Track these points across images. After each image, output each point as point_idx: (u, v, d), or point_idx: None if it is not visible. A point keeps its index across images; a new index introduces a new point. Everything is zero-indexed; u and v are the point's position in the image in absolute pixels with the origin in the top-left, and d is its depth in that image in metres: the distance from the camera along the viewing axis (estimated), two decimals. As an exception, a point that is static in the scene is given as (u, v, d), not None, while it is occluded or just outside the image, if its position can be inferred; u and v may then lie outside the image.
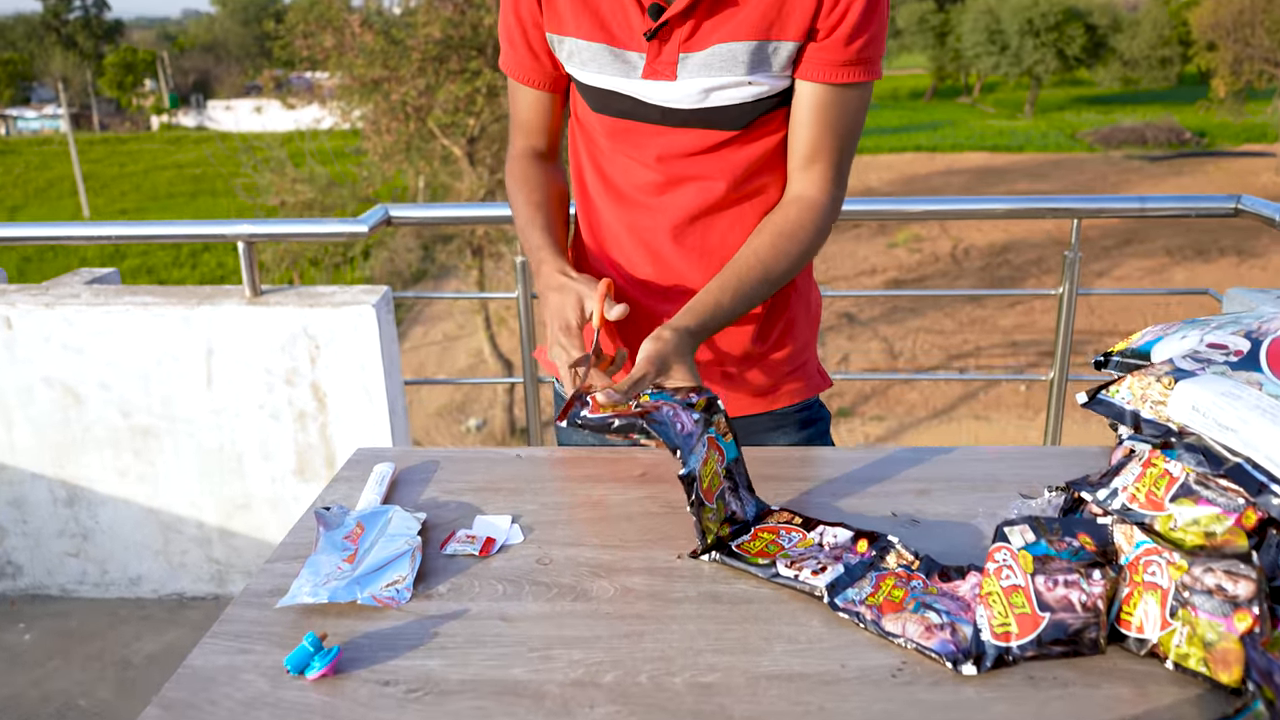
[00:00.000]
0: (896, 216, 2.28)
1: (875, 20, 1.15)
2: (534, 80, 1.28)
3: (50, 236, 2.43)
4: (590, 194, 1.29)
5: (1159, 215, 2.26)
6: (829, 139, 1.19)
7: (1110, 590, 0.81)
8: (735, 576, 0.95)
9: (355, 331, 2.26)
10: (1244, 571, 0.74)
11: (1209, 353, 0.91)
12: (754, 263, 1.17)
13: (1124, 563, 0.83)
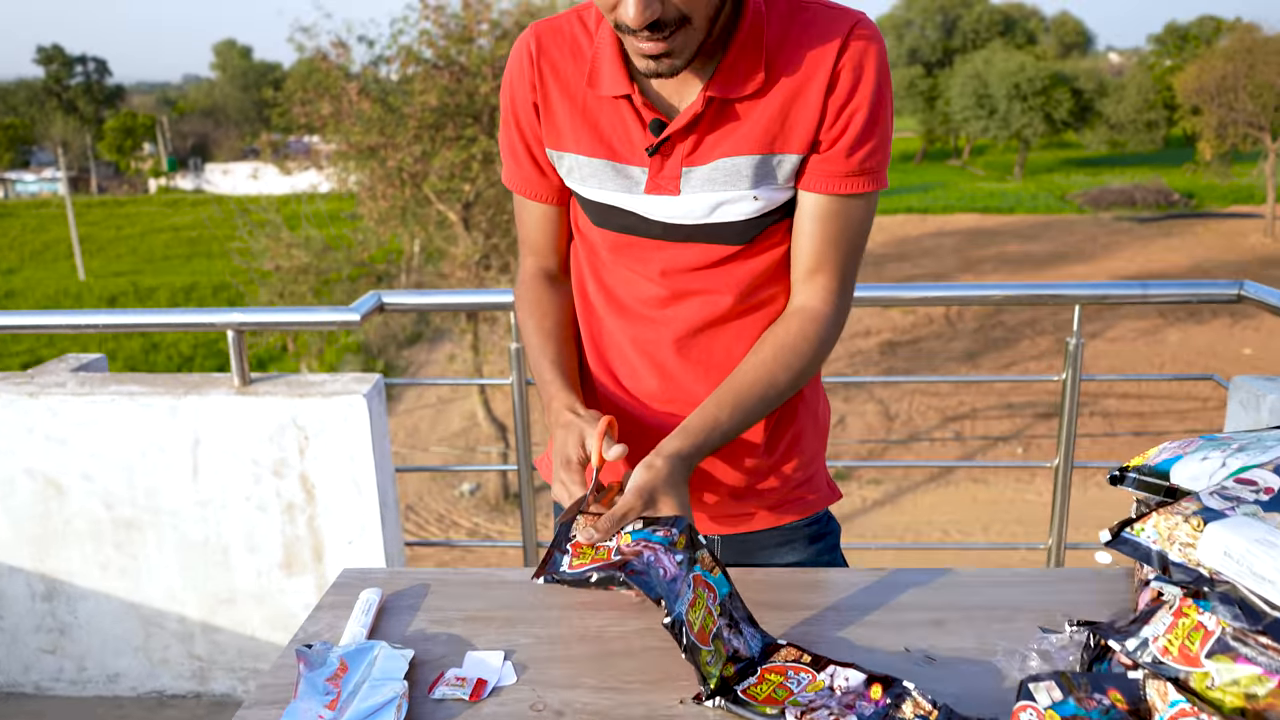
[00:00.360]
0: (900, 303, 2.25)
1: (878, 131, 1.13)
2: (539, 195, 1.25)
3: (39, 325, 2.39)
4: (592, 305, 1.26)
5: (1162, 301, 2.24)
6: (833, 250, 1.16)
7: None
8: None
9: (345, 422, 2.21)
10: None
11: (1238, 489, 0.87)
12: (754, 378, 1.13)
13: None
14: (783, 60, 1.10)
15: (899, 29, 50.25)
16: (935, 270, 26.22)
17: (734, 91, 1.09)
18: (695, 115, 1.10)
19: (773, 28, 1.10)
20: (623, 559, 0.96)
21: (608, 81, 1.12)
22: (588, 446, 1.10)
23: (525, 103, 1.19)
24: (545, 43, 1.17)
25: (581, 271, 1.27)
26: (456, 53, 13.67)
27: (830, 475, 1.34)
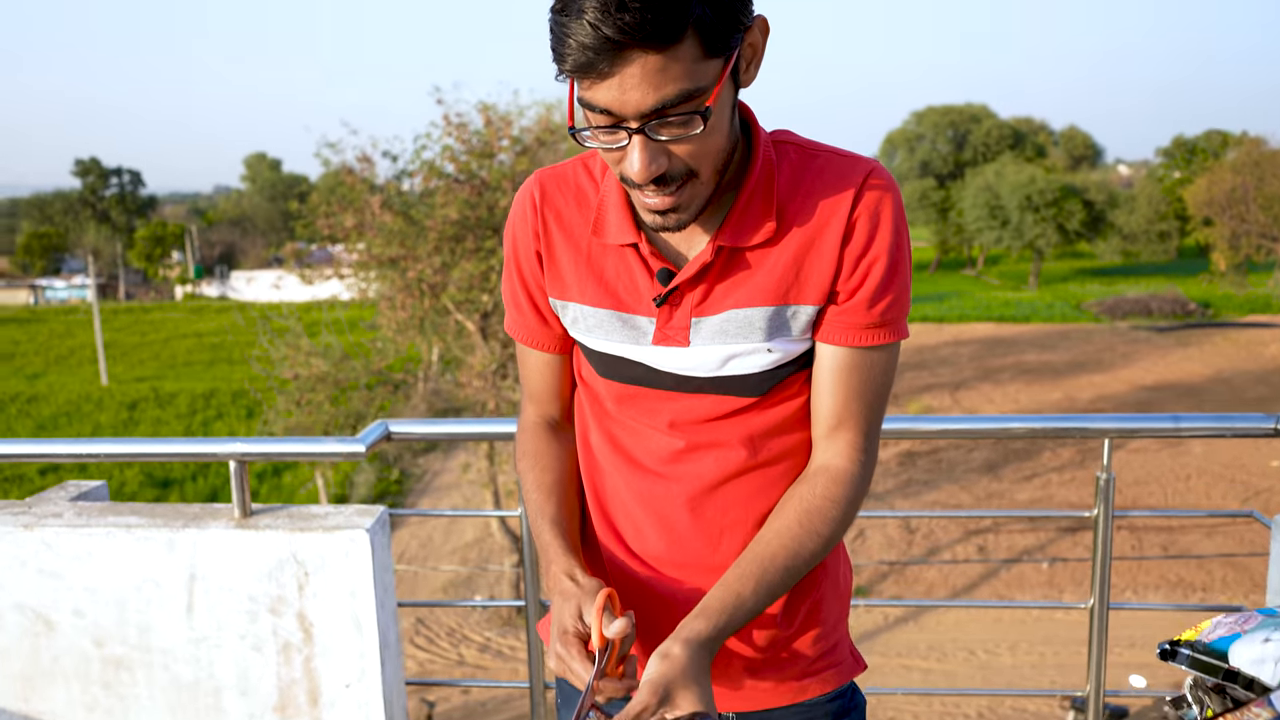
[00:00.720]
0: (925, 435, 2.18)
1: (898, 281, 1.09)
2: (542, 344, 1.21)
3: (38, 455, 2.35)
4: (596, 459, 1.19)
5: (1195, 435, 2.16)
6: (856, 404, 1.10)
7: None
8: None
9: (347, 558, 2.13)
10: None
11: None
12: (778, 547, 1.06)
13: None
14: (795, 208, 1.06)
15: (910, 142, 51.40)
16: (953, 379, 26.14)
17: (745, 240, 1.05)
18: (704, 265, 1.06)
19: (784, 175, 1.07)
20: None
21: (614, 230, 1.08)
22: (586, 620, 1.02)
23: (528, 250, 1.16)
24: (549, 190, 1.14)
25: (586, 424, 1.21)
26: (478, 167, 14.00)
27: (854, 644, 1.24)
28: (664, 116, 0.92)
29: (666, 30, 0.87)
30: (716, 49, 0.92)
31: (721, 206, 1.07)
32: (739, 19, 0.93)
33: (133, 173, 73.62)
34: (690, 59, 0.90)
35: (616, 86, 0.90)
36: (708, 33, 0.90)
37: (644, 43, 0.87)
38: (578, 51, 0.89)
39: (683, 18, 0.88)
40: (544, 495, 1.19)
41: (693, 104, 0.93)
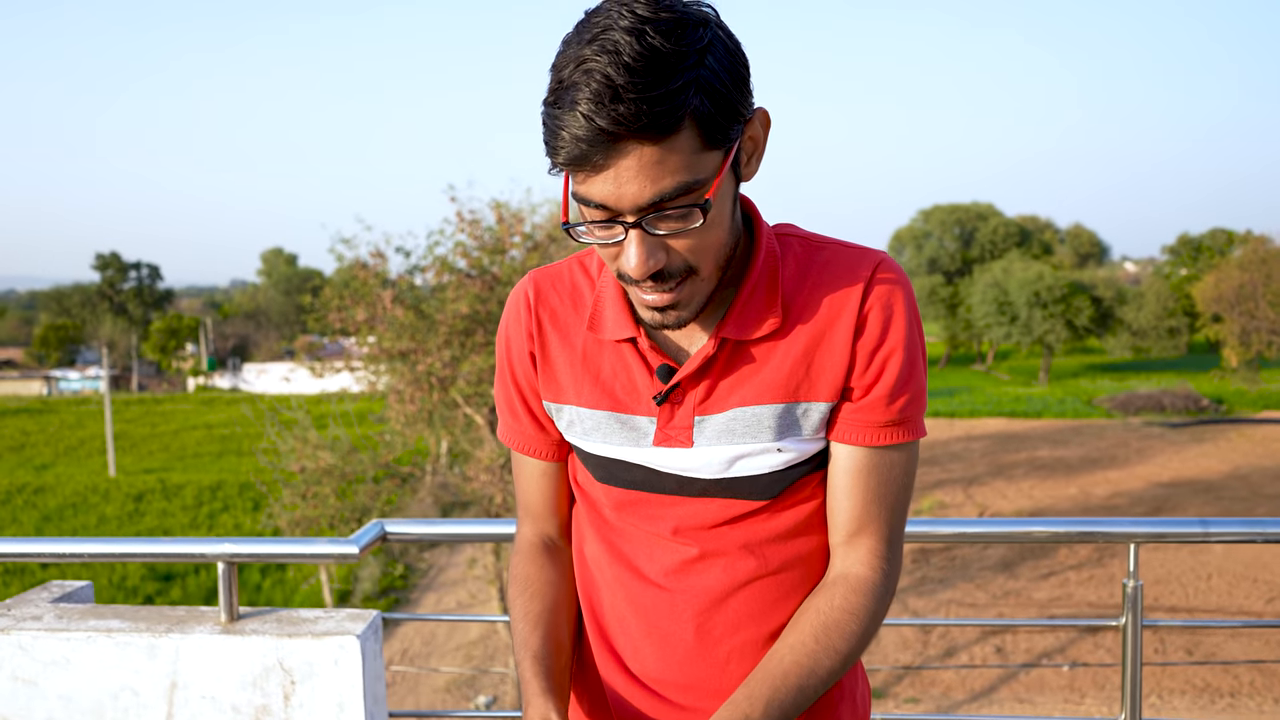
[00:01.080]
0: (931, 539, 2.09)
1: (915, 375, 1.03)
2: (537, 451, 1.15)
3: (21, 554, 2.28)
4: (593, 573, 1.12)
5: (1224, 540, 2.07)
6: (877, 508, 1.03)
7: None
8: None
9: (336, 666, 2.03)
10: None
11: None
12: (791, 664, 0.97)
13: None
14: (802, 301, 1.01)
15: (918, 240, 52.02)
16: (966, 475, 25.84)
17: (749, 333, 0.99)
18: (707, 358, 1.00)
19: (789, 268, 1.02)
20: None
21: (611, 325, 1.03)
22: None
23: (522, 352, 1.10)
24: (544, 290, 1.10)
25: (582, 536, 1.13)
26: (489, 263, 14.15)
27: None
28: (662, 210, 0.89)
29: (663, 121, 0.84)
30: (716, 140, 0.89)
31: (724, 301, 1.02)
32: (738, 110, 0.90)
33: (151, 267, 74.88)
34: (688, 151, 0.87)
35: (612, 180, 0.87)
36: (706, 124, 0.87)
37: (639, 134, 0.84)
38: (571, 144, 0.85)
39: (680, 109, 0.85)
40: (530, 626, 1.11)
41: (691, 197, 0.89)
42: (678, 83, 0.84)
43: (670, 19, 0.85)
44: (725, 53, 0.89)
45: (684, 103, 0.85)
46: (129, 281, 73.44)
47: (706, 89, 0.86)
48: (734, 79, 0.89)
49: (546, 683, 1.05)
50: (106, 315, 66.60)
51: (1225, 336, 34.13)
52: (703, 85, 0.86)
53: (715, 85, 0.87)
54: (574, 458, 1.14)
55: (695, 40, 0.86)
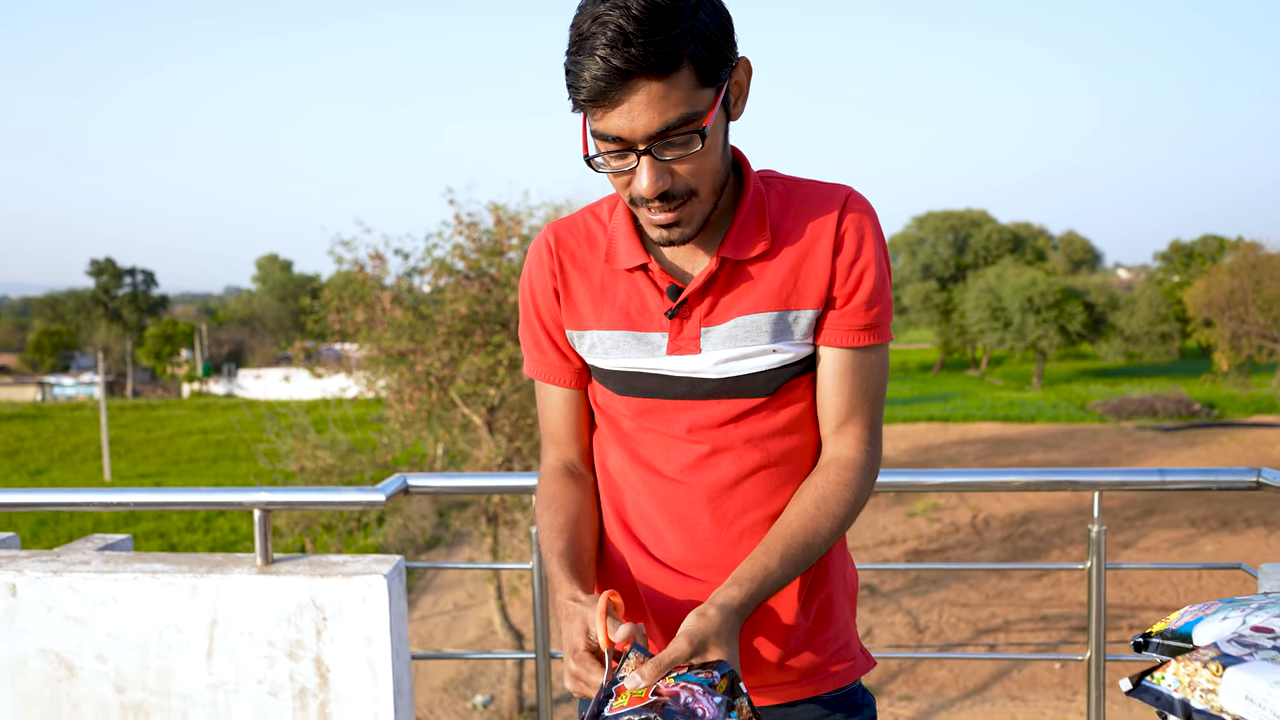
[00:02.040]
0: (916, 488, 2.27)
1: (885, 288, 1.22)
2: (561, 379, 1.31)
3: (66, 503, 2.44)
4: (615, 479, 1.29)
5: (1180, 488, 2.25)
6: (860, 399, 1.22)
7: None
8: None
9: (364, 604, 2.20)
10: None
11: (1255, 637, 0.87)
12: (798, 527, 1.16)
13: None
14: (787, 227, 1.19)
15: (912, 246, 52.28)
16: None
17: (744, 254, 1.18)
18: (710, 275, 1.18)
19: (773, 200, 1.21)
20: (660, 700, 0.95)
21: (624, 255, 1.21)
22: (592, 631, 1.10)
23: (546, 290, 1.28)
24: (562, 235, 1.28)
25: (604, 450, 1.31)
26: (487, 265, 14.32)
27: (862, 642, 1.33)
28: (667, 138, 1.07)
29: (666, 60, 1.03)
30: (709, 79, 1.08)
31: (719, 229, 1.20)
32: (726, 56, 1.09)
33: (146, 273, 74.89)
34: (688, 87, 1.06)
35: (626, 113, 1.05)
36: (701, 65, 1.06)
37: (647, 71, 1.03)
38: (591, 83, 1.03)
39: (679, 51, 1.03)
40: (555, 533, 1.27)
41: (691, 126, 1.07)
42: (677, 30, 1.03)
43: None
44: (714, 9, 1.08)
45: (682, 46, 1.03)
46: (124, 287, 73.46)
47: (700, 36, 1.05)
48: (721, 30, 1.08)
49: (570, 571, 1.22)
50: (101, 321, 66.59)
51: (1216, 341, 34.41)
52: (697, 33, 1.05)
53: (707, 34, 1.06)
54: (594, 385, 1.31)
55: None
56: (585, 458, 1.36)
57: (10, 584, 2.27)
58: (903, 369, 55.13)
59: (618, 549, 1.31)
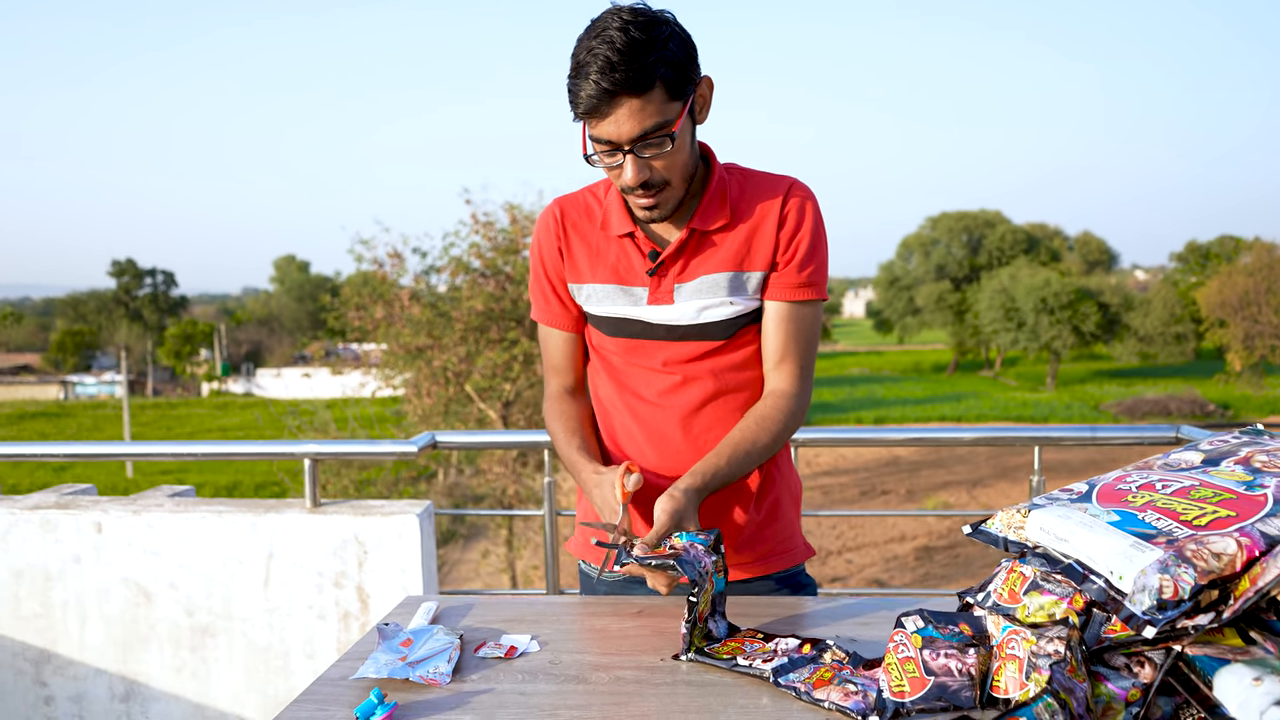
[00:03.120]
0: (871, 443, 2.60)
1: (819, 252, 1.56)
2: (563, 324, 1.66)
3: (127, 454, 2.80)
4: (606, 406, 1.64)
5: (1110, 444, 2.57)
6: (794, 343, 1.56)
7: (983, 664, 1.07)
8: (706, 670, 1.21)
9: (400, 539, 2.55)
10: (1060, 633, 1.01)
11: (1056, 493, 1.20)
12: (741, 438, 1.50)
13: (994, 644, 1.09)
14: (744, 207, 1.54)
15: (925, 247, 52.44)
16: (970, 476, 26.20)
17: (709, 225, 1.52)
18: (682, 242, 1.53)
19: (733, 185, 1.56)
20: (675, 552, 1.30)
21: (616, 224, 1.56)
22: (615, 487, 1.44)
23: (552, 250, 1.62)
24: (566, 208, 1.63)
25: (597, 383, 1.66)
26: (503, 263, 14.70)
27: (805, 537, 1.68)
28: (645, 140, 1.41)
29: (643, 83, 1.37)
30: (677, 95, 1.41)
31: (690, 207, 1.54)
32: (690, 76, 1.43)
33: (166, 273, 75.78)
34: (660, 101, 1.39)
35: (613, 123, 1.39)
36: (670, 85, 1.40)
37: (628, 91, 1.37)
38: (586, 100, 1.38)
39: (653, 74, 1.37)
40: (569, 434, 1.63)
41: (664, 131, 1.41)
42: (651, 58, 1.37)
43: (644, 20, 1.38)
44: (680, 41, 1.42)
45: (655, 71, 1.37)
46: (144, 288, 74.37)
47: (669, 63, 1.39)
48: (687, 57, 1.43)
49: (588, 454, 1.57)
50: (122, 321, 67.45)
51: (1229, 342, 34.47)
52: (667, 60, 1.39)
53: (675, 60, 1.40)
54: (589, 328, 1.65)
55: (660, 34, 1.39)
56: (579, 384, 1.72)
57: (96, 522, 2.63)
58: (916, 369, 55.25)
59: (610, 459, 1.65)
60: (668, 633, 1.34)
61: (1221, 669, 0.94)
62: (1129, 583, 1.01)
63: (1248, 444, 1.23)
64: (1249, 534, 1.00)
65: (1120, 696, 0.99)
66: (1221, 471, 1.16)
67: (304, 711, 1.12)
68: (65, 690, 2.68)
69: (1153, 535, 1.04)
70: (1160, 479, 1.17)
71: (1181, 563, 0.99)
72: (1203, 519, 1.05)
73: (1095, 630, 1.04)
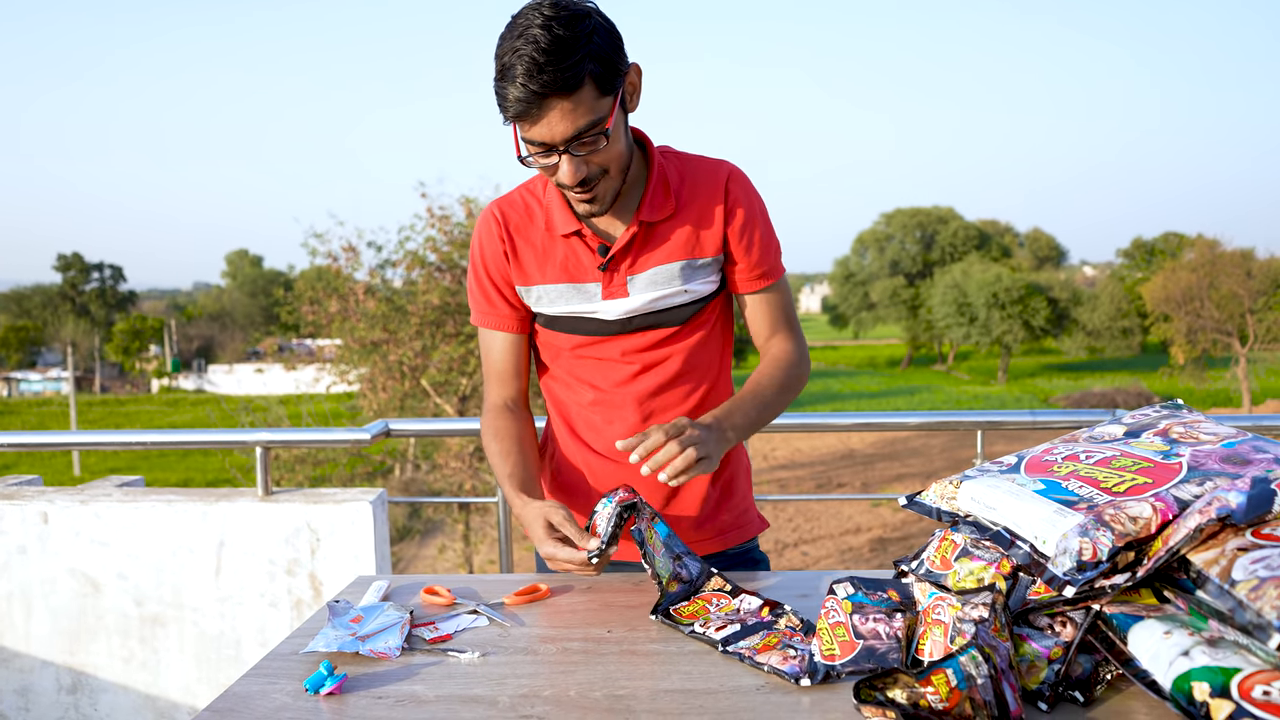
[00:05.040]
0: (823, 429, 2.65)
1: (770, 236, 1.61)
2: (508, 326, 1.65)
3: (73, 443, 2.77)
4: (563, 398, 1.65)
5: (1050, 427, 2.65)
6: (778, 317, 1.64)
7: (909, 628, 1.11)
8: (652, 640, 1.24)
9: (352, 525, 2.55)
10: (985, 599, 1.06)
11: (988, 465, 1.25)
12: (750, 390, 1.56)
13: (920, 609, 1.13)
14: (686, 194, 1.57)
15: (880, 242, 53.01)
16: (924, 469, 26.54)
17: (655, 216, 1.55)
18: (632, 235, 1.55)
19: (673, 173, 1.58)
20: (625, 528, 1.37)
21: (560, 223, 1.57)
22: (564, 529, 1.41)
23: (496, 254, 1.62)
24: (506, 211, 1.63)
25: (551, 377, 1.67)
26: (459, 257, 14.62)
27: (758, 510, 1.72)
28: (580, 139, 1.39)
29: (571, 82, 1.34)
30: (607, 90, 1.40)
31: (632, 198, 1.56)
32: (618, 68, 1.41)
33: (114, 268, 74.24)
34: (591, 99, 1.38)
35: (545, 125, 1.37)
36: (599, 79, 1.38)
37: (557, 92, 1.34)
38: (515, 104, 1.35)
39: (581, 73, 1.35)
40: (502, 459, 1.61)
41: (597, 129, 1.40)
42: (577, 56, 1.33)
43: (566, 15, 1.33)
44: (605, 32, 1.37)
45: (583, 69, 1.34)
46: (91, 283, 72.84)
47: (596, 57, 1.36)
48: (613, 48, 1.40)
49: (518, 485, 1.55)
50: (68, 317, 66.01)
51: (1174, 336, 35.29)
52: (593, 55, 1.36)
53: (601, 54, 1.37)
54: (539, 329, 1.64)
55: (584, 28, 1.36)
56: (522, 396, 1.70)
57: (42, 512, 2.60)
58: (871, 364, 55.87)
59: (564, 451, 1.67)
60: (615, 606, 1.37)
61: (1136, 625, 0.99)
62: (1051, 546, 1.05)
63: (1167, 417, 1.29)
64: (1164, 499, 1.06)
65: (1044, 655, 1.03)
66: (1141, 442, 1.22)
67: (254, 685, 1.13)
68: (10, 683, 2.65)
69: (1075, 502, 1.09)
70: (1084, 450, 1.22)
71: (1100, 526, 1.04)
72: (1121, 486, 1.10)
73: (1021, 593, 1.09)
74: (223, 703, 1.08)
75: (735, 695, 1.07)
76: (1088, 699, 1.02)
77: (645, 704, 1.05)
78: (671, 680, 1.11)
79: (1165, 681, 0.93)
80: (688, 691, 1.08)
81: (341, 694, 1.10)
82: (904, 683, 0.99)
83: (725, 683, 1.10)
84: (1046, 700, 1.00)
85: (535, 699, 1.07)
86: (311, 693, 1.10)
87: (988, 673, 0.96)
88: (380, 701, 1.08)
